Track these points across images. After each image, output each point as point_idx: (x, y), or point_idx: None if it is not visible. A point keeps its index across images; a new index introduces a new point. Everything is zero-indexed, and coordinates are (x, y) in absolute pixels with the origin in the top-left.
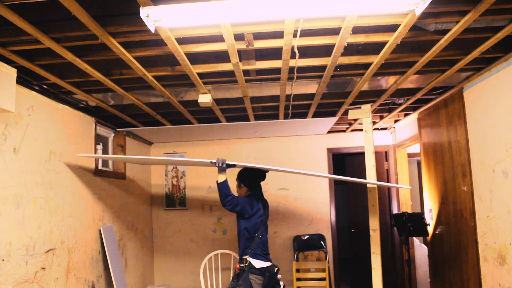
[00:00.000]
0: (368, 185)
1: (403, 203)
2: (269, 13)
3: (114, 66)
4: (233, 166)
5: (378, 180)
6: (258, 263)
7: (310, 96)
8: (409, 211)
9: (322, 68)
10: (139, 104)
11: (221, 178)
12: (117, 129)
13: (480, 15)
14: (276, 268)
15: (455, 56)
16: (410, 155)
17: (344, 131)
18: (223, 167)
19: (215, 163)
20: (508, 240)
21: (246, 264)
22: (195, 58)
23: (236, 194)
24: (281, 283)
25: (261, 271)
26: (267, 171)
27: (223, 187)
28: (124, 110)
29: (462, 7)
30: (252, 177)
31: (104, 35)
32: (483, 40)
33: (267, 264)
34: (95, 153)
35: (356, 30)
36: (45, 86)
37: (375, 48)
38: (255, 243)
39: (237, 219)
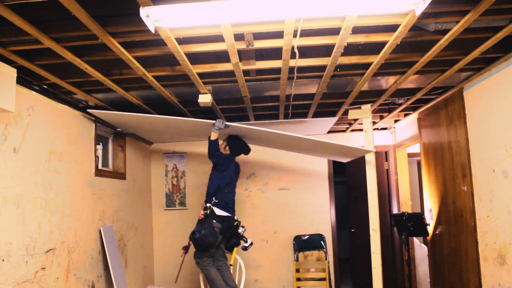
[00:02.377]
0: (368, 185)
1: (403, 203)
2: (269, 13)
3: (114, 66)
4: (228, 126)
5: (378, 180)
6: (218, 211)
7: (310, 96)
8: (409, 211)
9: (322, 68)
10: (139, 104)
11: (214, 136)
12: (117, 129)
13: (480, 15)
14: (236, 222)
15: (455, 56)
16: (410, 155)
17: (344, 131)
18: (220, 128)
19: (215, 124)
20: (508, 240)
21: (209, 211)
22: (195, 58)
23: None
24: (249, 240)
25: (221, 218)
26: (249, 150)
27: (215, 143)
28: (124, 110)
29: (462, 7)
30: (238, 147)
31: (104, 35)
32: (483, 40)
33: (227, 214)
34: (95, 153)
35: (356, 30)
36: (45, 86)
37: (375, 48)
38: (220, 195)
39: (212, 171)
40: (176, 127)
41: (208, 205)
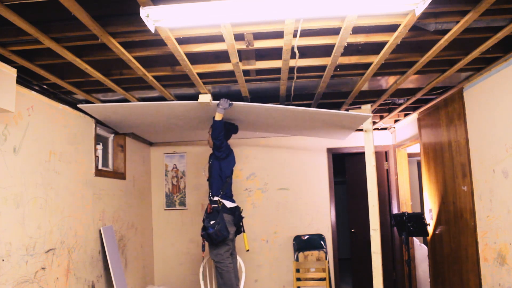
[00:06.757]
0: (368, 185)
1: (403, 203)
2: (269, 13)
3: (114, 66)
4: (232, 105)
5: (378, 181)
6: (229, 204)
7: (310, 96)
8: (409, 211)
9: (322, 68)
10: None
11: (219, 116)
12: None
13: (480, 15)
14: (241, 209)
15: (455, 56)
16: (410, 155)
17: None
18: (225, 108)
19: (219, 104)
20: (508, 240)
21: (220, 205)
22: (195, 58)
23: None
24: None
25: (232, 210)
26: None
27: (220, 124)
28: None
29: (462, 7)
30: (229, 130)
31: (104, 35)
32: (483, 40)
33: (235, 204)
34: (95, 153)
35: (356, 30)
36: (45, 86)
37: (375, 48)
38: (226, 186)
39: (213, 163)
40: (174, 118)
41: (217, 198)
